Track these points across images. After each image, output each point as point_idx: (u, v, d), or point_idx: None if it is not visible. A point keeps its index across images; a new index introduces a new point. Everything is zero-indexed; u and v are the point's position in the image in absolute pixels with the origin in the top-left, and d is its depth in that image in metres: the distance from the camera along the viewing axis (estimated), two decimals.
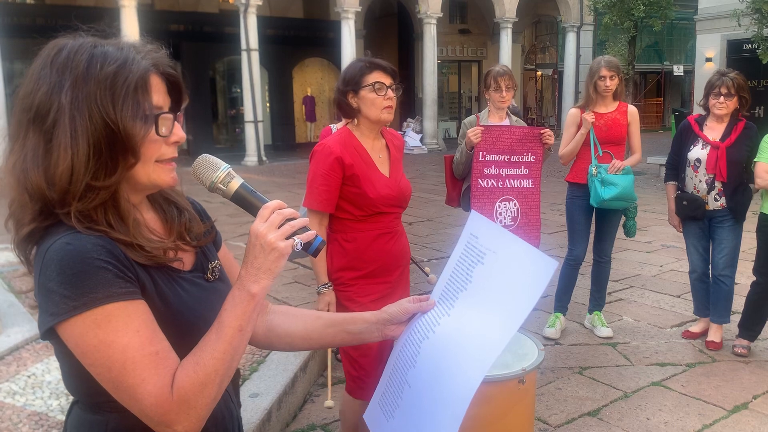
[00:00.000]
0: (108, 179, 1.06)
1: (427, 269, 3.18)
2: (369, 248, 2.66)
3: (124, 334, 1.01)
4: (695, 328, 4.69)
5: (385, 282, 2.71)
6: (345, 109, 2.67)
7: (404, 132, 20.55)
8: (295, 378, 3.62)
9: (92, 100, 1.04)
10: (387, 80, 2.60)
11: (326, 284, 2.68)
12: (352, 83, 2.61)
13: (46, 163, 1.04)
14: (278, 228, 1.10)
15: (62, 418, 3.10)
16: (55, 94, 1.04)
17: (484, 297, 1.29)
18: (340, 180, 2.60)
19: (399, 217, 2.79)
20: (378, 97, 2.58)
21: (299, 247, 1.12)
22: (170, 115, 1.12)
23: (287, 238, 1.10)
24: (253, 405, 3.23)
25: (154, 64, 1.10)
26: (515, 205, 4.13)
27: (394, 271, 2.74)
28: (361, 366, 2.68)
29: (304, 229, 1.13)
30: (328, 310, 2.66)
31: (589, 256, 4.78)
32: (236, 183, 1.17)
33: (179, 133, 1.14)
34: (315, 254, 1.17)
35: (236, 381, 1.37)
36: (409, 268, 2.91)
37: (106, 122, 1.04)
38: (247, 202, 1.17)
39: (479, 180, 4.04)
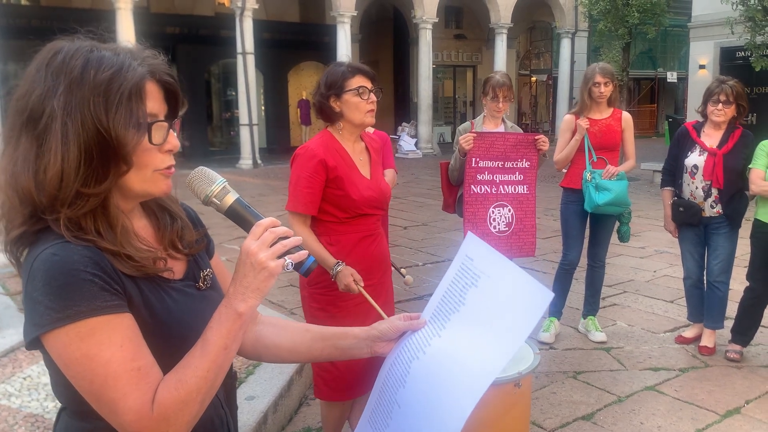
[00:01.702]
0: (98, 186, 1.04)
1: (403, 270, 3.19)
2: (353, 251, 2.67)
3: (107, 348, 1.00)
4: (688, 333, 4.72)
5: (367, 285, 2.70)
6: (327, 113, 2.69)
7: (399, 136, 20.60)
8: (291, 381, 3.63)
9: (85, 105, 1.02)
10: (369, 84, 2.63)
11: (337, 263, 2.61)
12: (334, 87, 2.63)
13: (36, 168, 1.03)
14: (270, 247, 1.08)
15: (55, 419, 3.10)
16: (48, 99, 1.03)
17: (477, 321, 1.28)
18: (323, 182, 2.62)
19: (380, 220, 2.82)
20: (362, 101, 2.61)
21: (290, 267, 1.11)
22: (164, 124, 1.10)
23: (279, 257, 1.09)
24: (249, 408, 3.23)
25: (150, 71, 1.08)
26: (510, 211, 4.15)
27: (375, 273, 2.76)
28: (336, 368, 2.69)
29: (296, 248, 1.12)
30: (354, 281, 2.57)
31: (584, 261, 4.80)
32: (231, 198, 1.15)
33: (173, 141, 1.12)
34: (306, 274, 1.16)
35: (232, 384, 1.36)
36: (390, 272, 2.93)
37: (98, 129, 1.03)
38: (240, 218, 1.15)
39: (472, 186, 4.05)
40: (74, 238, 1.02)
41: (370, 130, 3.73)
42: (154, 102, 1.10)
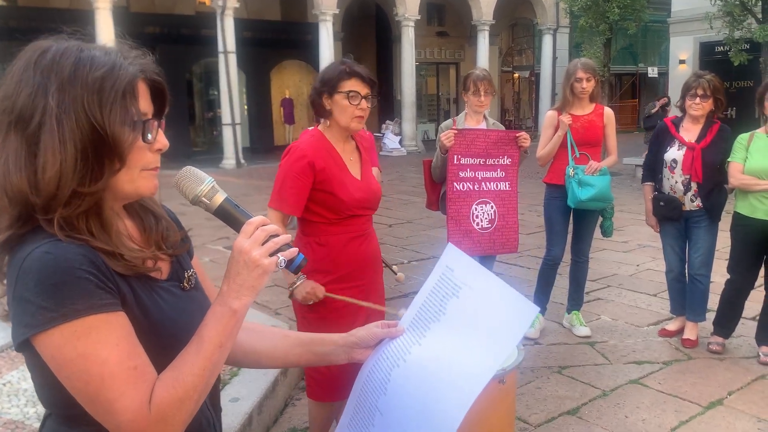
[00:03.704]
0: (94, 185, 1.03)
1: (395, 267, 3.18)
2: (342, 251, 2.66)
3: (103, 347, 0.98)
4: (671, 326, 4.76)
5: (358, 285, 2.70)
6: (318, 109, 2.68)
7: (383, 134, 20.58)
8: (276, 382, 3.61)
9: (79, 104, 1.01)
10: (363, 90, 2.58)
11: (299, 276, 2.62)
12: (328, 85, 2.60)
13: (31, 168, 1.01)
14: (262, 245, 1.10)
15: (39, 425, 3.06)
16: (39, 97, 1.01)
17: (459, 331, 1.29)
18: (310, 184, 2.60)
19: (370, 219, 2.79)
20: (350, 106, 2.57)
21: (283, 264, 1.12)
22: (155, 122, 1.11)
23: (271, 255, 1.10)
24: (234, 409, 3.21)
25: (141, 70, 1.08)
26: (492, 208, 4.15)
27: (366, 273, 2.74)
28: (328, 368, 2.67)
29: (287, 245, 1.13)
30: (315, 295, 2.58)
31: (567, 257, 4.83)
32: (220, 197, 1.16)
33: (163, 140, 1.12)
34: (296, 271, 1.17)
35: (216, 385, 1.35)
36: (381, 270, 2.91)
37: (94, 127, 1.01)
38: (230, 217, 1.16)
39: (455, 183, 4.06)
40: (66, 237, 1.01)
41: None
42: (144, 101, 1.10)
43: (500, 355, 1.23)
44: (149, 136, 1.09)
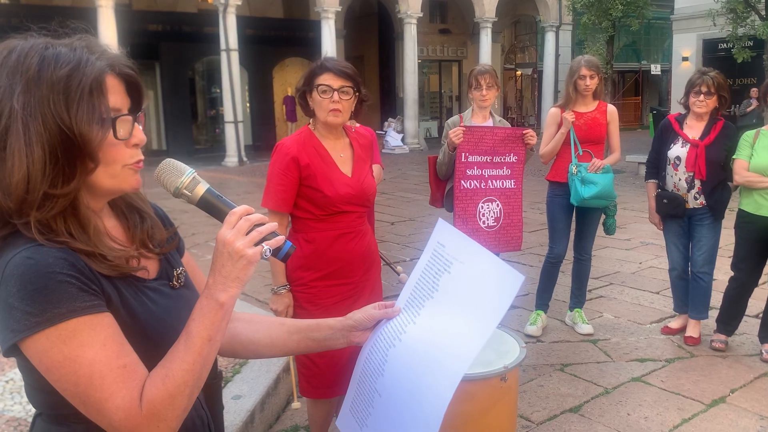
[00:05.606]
0: (66, 186, 1.02)
1: (399, 268, 3.16)
2: (329, 248, 2.65)
3: (90, 349, 0.98)
4: (674, 324, 4.75)
5: (347, 283, 2.70)
6: (304, 109, 2.70)
7: (385, 132, 20.57)
8: (278, 379, 3.61)
9: (45, 104, 1.00)
10: (336, 83, 2.57)
11: (284, 285, 2.69)
12: (307, 84, 2.63)
13: (1, 172, 1.00)
14: (246, 234, 1.08)
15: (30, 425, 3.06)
16: (5, 100, 1.00)
17: (451, 306, 1.29)
18: (295, 180, 2.60)
19: (362, 217, 2.78)
20: (324, 100, 2.58)
21: (268, 254, 1.11)
22: (129, 117, 1.08)
23: (256, 244, 1.09)
24: (236, 407, 3.21)
25: (109, 64, 1.06)
26: (498, 206, 4.15)
27: (356, 271, 2.73)
28: (317, 365, 2.69)
29: (273, 234, 1.12)
30: (286, 314, 2.67)
31: (570, 254, 4.82)
32: (202, 188, 1.14)
33: (139, 135, 1.10)
34: (284, 260, 1.16)
35: (217, 384, 1.35)
36: (377, 269, 2.89)
37: (61, 127, 1.00)
38: (213, 208, 1.14)
39: (462, 181, 4.04)
40: (46, 240, 1.00)
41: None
42: (117, 96, 1.07)
43: (487, 329, 1.23)
44: (121, 132, 1.06)
